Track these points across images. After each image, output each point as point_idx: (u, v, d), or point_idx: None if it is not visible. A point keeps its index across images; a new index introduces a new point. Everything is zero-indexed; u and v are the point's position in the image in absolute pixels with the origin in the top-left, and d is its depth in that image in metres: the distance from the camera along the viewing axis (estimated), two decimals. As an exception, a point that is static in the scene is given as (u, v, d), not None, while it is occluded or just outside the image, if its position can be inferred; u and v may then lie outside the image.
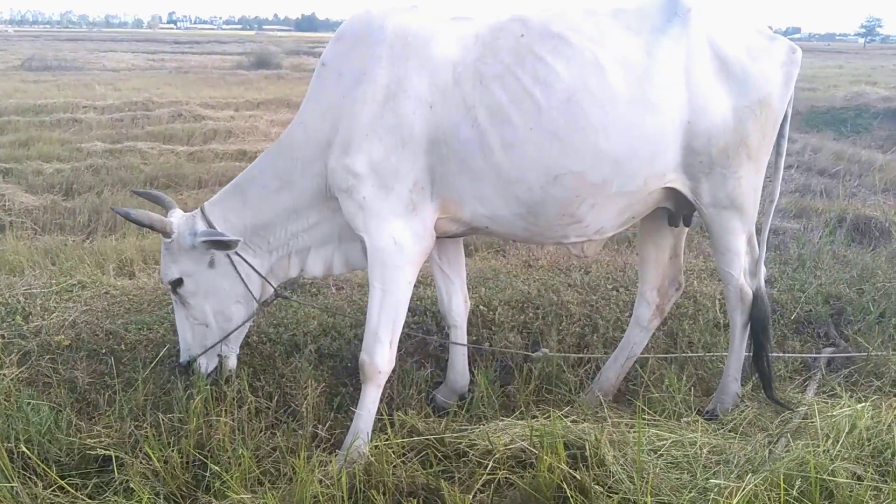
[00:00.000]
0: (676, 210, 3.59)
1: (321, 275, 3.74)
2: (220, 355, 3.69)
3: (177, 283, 3.54)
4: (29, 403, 3.37)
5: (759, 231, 3.63)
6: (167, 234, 3.49)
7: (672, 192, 3.40)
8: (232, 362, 3.73)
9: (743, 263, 3.57)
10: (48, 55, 28.90)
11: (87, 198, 8.05)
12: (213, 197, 3.65)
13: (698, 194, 3.38)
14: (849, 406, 3.28)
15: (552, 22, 3.22)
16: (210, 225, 3.51)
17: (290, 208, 3.49)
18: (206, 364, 3.64)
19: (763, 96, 3.27)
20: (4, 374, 3.74)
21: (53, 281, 5.13)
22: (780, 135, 3.46)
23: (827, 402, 3.47)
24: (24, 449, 3.04)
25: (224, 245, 3.42)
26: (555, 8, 3.34)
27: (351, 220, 3.28)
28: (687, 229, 3.85)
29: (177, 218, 3.55)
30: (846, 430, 3.09)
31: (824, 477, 2.74)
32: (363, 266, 3.65)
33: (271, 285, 3.67)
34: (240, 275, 3.56)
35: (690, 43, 3.20)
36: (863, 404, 3.29)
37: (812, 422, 3.23)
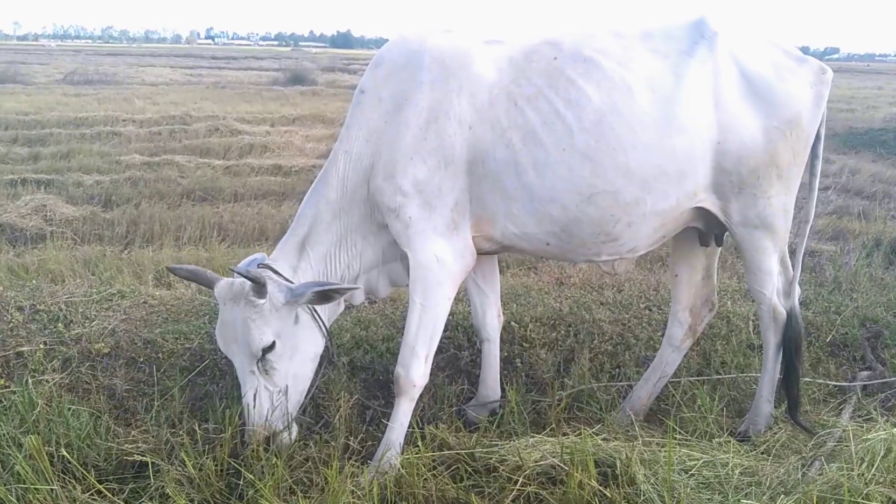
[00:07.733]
0: (707, 229, 3.60)
1: (361, 301, 3.73)
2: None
3: (268, 349, 3.22)
4: (69, 409, 3.45)
5: (793, 252, 3.61)
6: (262, 296, 3.19)
7: (702, 212, 3.42)
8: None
9: (776, 283, 3.56)
10: (89, 69, 29.62)
11: (125, 209, 8.24)
12: (272, 254, 3.47)
13: (728, 214, 3.39)
14: (884, 430, 3.24)
15: (583, 45, 3.28)
16: (284, 278, 3.34)
17: (342, 236, 3.46)
18: (289, 434, 3.29)
19: (792, 116, 3.29)
20: (47, 380, 3.84)
21: (93, 290, 5.24)
22: (814, 155, 3.47)
23: (862, 426, 3.43)
24: (65, 453, 3.11)
25: (336, 294, 3.30)
26: (585, 31, 3.39)
27: (397, 238, 3.33)
28: (719, 249, 3.85)
29: (238, 283, 3.22)
30: (881, 454, 3.05)
31: (858, 501, 2.71)
32: (405, 282, 3.67)
33: (327, 336, 3.47)
34: (321, 326, 3.40)
35: (717, 65, 3.24)
36: (899, 429, 3.24)
37: (847, 445, 3.19)
